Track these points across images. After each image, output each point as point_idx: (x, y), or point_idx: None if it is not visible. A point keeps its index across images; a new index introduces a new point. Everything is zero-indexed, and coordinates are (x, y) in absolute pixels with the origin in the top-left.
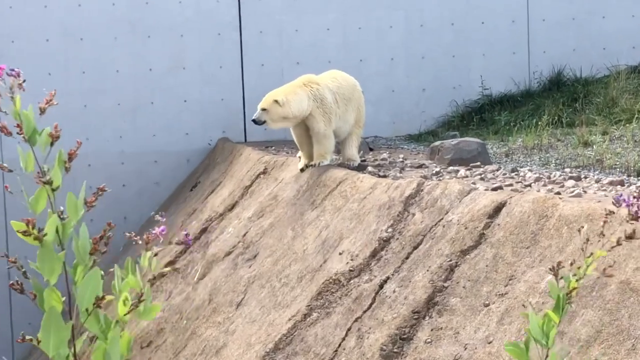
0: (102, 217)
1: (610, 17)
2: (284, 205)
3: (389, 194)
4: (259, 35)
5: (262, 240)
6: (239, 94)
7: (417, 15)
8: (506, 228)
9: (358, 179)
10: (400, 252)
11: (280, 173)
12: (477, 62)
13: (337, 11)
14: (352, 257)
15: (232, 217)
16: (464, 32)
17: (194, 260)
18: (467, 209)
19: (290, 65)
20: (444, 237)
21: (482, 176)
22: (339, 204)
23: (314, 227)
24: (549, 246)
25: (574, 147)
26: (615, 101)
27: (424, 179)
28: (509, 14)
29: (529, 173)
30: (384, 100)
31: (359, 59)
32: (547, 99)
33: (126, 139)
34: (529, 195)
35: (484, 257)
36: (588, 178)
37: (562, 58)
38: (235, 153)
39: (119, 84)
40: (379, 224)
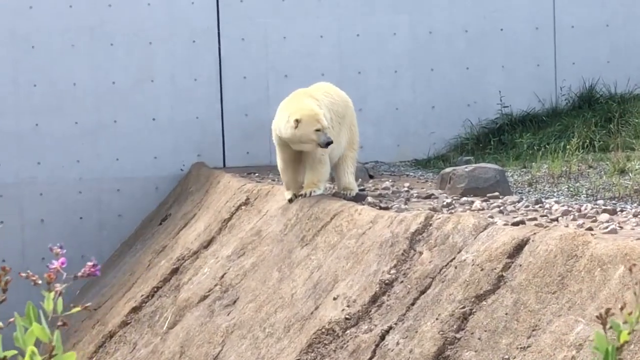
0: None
1: None
2: (269, 241)
3: (392, 229)
4: (241, 43)
5: (243, 282)
6: (216, 112)
7: (424, 20)
8: (529, 269)
9: (356, 211)
10: (405, 298)
11: (265, 204)
12: (494, 75)
13: (331, 15)
14: (348, 302)
15: (208, 256)
16: (479, 40)
17: (163, 306)
18: (484, 247)
19: (277, 77)
20: (457, 279)
21: (501, 209)
22: (333, 241)
23: (304, 268)
24: (579, 291)
25: (609, 176)
26: None
27: (433, 211)
28: (532, 19)
29: (555, 205)
30: (387, 120)
31: (357, 71)
32: (577, 119)
33: (84, 163)
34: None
35: (503, 304)
36: (625, 211)
37: (594, 71)
38: (212, 180)
39: (76, 99)
40: (380, 264)
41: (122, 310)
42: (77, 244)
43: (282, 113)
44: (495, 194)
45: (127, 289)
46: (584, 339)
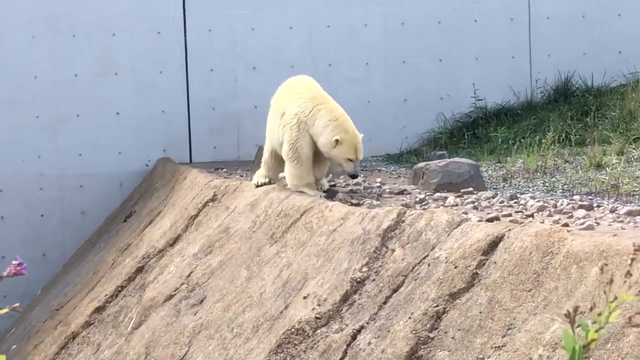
0: (16, 254)
1: (628, 14)
2: (237, 239)
3: (363, 226)
4: (208, 35)
5: (210, 281)
6: (182, 105)
7: (397, 11)
8: (504, 267)
9: (326, 207)
10: (377, 296)
11: (233, 200)
12: (468, 67)
13: (301, 6)
14: (319, 301)
15: (174, 254)
16: (453, 32)
17: (127, 306)
18: (457, 244)
19: (245, 70)
20: (430, 277)
21: (475, 204)
22: (303, 238)
23: (273, 266)
24: (554, 289)
25: (585, 170)
26: (634, 115)
27: (406, 207)
28: (507, 10)
29: (531, 201)
30: (358, 113)
31: (328, 64)
32: (553, 112)
33: (46, 159)
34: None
35: (478, 302)
36: (601, 207)
37: (570, 63)
38: (178, 176)
39: (37, 92)
40: (351, 262)
41: (85, 310)
42: (38, 242)
43: (329, 122)
44: (469, 189)
45: (91, 288)
46: (560, 338)
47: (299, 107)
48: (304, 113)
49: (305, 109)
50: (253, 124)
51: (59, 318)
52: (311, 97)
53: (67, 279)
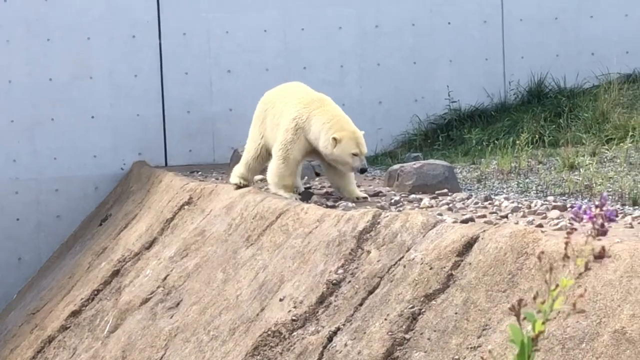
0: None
1: (600, 16)
2: (213, 242)
3: (338, 228)
4: (182, 38)
5: (186, 284)
6: (157, 108)
7: (371, 14)
8: (479, 268)
9: (302, 210)
10: (353, 298)
11: (209, 203)
12: (443, 70)
13: (276, 9)
14: (295, 304)
15: (150, 257)
16: (427, 34)
17: (103, 310)
18: (433, 246)
19: (220, 73)
20: (405, 279)
21: (450, 206)
22: (279, 241)
23: (249, 269)
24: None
25: (558, 171)
26: (606, 116)
27: (381, 209)
28: (481, 13)
29: (505, 202)
30: None
31: (303, 66)
32: (526, 114)
33: (21, 163)
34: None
35: (453, 303)
36: (572, 206)
37: (543, 65)
38: (153, 179)
39: (12, 96)
40: (327, 264)
41: (61, 314)
42: (14, 246)
43: (323, 125)
44: (444, 190)
45: (67, 292)
46: None
47: (297, 112)
48: (301, 119)
49: (302, 114)
50: (228, 127)
51: (35, 322)
52: (309, 102)
53: (43, 282)
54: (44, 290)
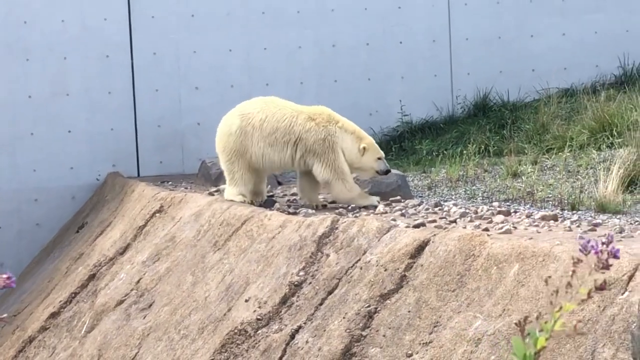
0: None
1: (540, 35)
2: (183, 247)
3: (300, 233)
4: (153, 57)
5: (158, 287)
6: (130, 123)
7: (328, 34)
8: (430, 269)
9: (265, 216)
10: (314, 298)
11: (178, 211)
12: (395, 85)
13: (240, 30)
14: (259, 304)
15: (124, 262)
16: (380, 52)
17: (80, 311)
18: (387, 249)
19: (188, 90)
20: (362, 280)
21: (403, 212)
22: (244, 245)
23: (217, 272)
24: (476, 289)
25: (503, 179)
26: (546, 127)
27: (339, 215)
28: (430, 32)
29: (454, 207)
30: None
31: (265, 83)
32: (473, 126)
33: (2, 174)
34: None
35: (406, 302)
36: (518, 212)
37: (487, 80)
38: (127, 189)
39: None
40: (289, 267)
41: (41, 315)
42: None
43: (351, 137)
44: (397, 197)
45: (46, 295)
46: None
47: (326, 130)
48: (334, 136)
49: (331, 132)
50: (197, 140)
51: (17, 323)
52: (327, 119)
53: (23, 286)
54: (24, 294)
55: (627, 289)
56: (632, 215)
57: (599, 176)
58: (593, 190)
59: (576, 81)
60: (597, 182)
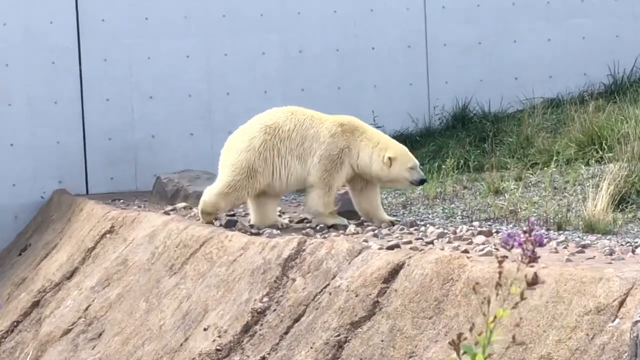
0: None
1: (523, 41)
2: (136, 271)
3: (263, 256)
4: (103, 64)
5: (108, 314)
6: (78, 136)
7: (294, 39)
8: (405, 294)
9: (226, 237)
10: (278, 326)
11: (131, 232)
12: (367, 94)
13: (198, 34)
14: (219, 333)
15: (71, 287)
16: (351, 59)
17: (23, 341)
18: (358, 273)
19: (142, 99)
20: (331, 306)
21: (376, 232)
22: (203, 269)
23: (173, 298)
24: (455, 316)
25: (484, 196)
26: (530, 141)
27: (306, 236)
28: (404, 38)
29: (431, 227)
30: None
31: (226, 92)
32: (451, 139)
33: None
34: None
35: (379, 330)
36: (500, 233)
37: (467, 90)
38: (74, 208)
39: None
40: (252, 293)
41: None
42: None
43: (373, 149)
44: None
45: None
46: None
47: (341, 141)
48: (346, 147)
49: (345, 143)
50: (151, 154)
51: None
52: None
53: None
54: None
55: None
56: (622, 235)
57: (588, 193)
58: (581, 208)
59: (562, 90)
60: (586, 199)
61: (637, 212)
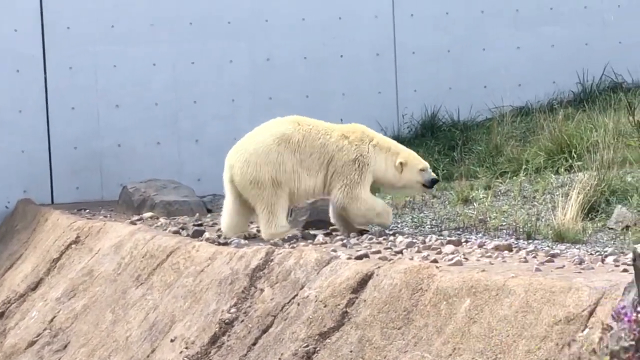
0: None
1: (492, 49)
2: (102, 281)
3: (231, 266)
4: (69, 72)
5: (74, 326)
6: (43, 144)
7: (262, 47)
8: (374, 305)
9: (193, 247)
10: (246, 337)
11: (97, 242)
12: (335, 102)
13: (165, 42)
14: (186, 344)
15: (36, 298)
16: (319, 67)
17: None
18: (327, 283)
19: (108, 107)
20: (299, 317)
21: (344, 242)
22: (169, 280)
23: (139, 309)
24: (424, 326)
25: (453, 205)
26: (500, 149)
27: (274, 246)
28: (373, 45)
29: (400, 237)
30: (225, 150)
31: (193, 100)
32: (420, 147)
33: None
34: (400, 264)
35: (348, 341)
36: (470, 242)
37: (436, 98)
38: (39, 218)
39: None
40: (219, 303)
41: None
42: None
43: (385, 157)
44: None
45: None
46: None
47: (356, 152)
48: (365, 157)
49: (363, 153)
50: (117, 163)
51: None
52: (359, 138)
53: None
54: None
55: (588, 326)
56: (592, 244)
57: (557, 202)
58: (550, 217)
59: (532, 98)
60: (555, 208)
61: (607, 221)
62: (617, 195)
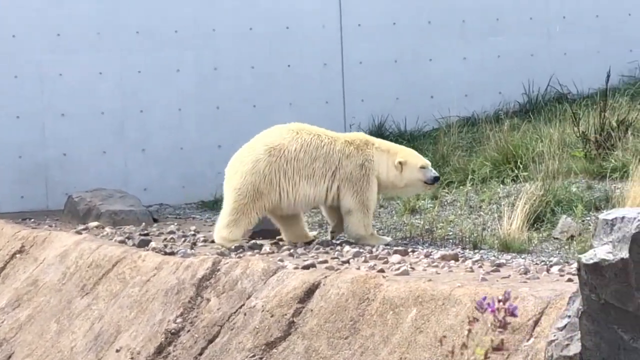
0: None
1: (438, 60)
2: (47, 291)
3: (177, 276)
4: (14, 81)
5: (18, 336)
6: None
7: (209, 56)
8: (320, 314)
9: (139, 257)
10: (193, 347)
11: (42, 251)
12: (282, 112)
13: (111, 50)
14: (132, 354)
15: None
16: (266, 77)
17: None
18: (274, 292)
19: (54, 117)
20: (246, 327)
21: (292, 252)
22: (115, 289)
23: (85, 319)
24: (371, 335)
25: (400, 215)
26: (446, 159)
27: (221, 256)
28: (320, 55)
29: (346, 247)
30: (172, 160)
31: (139, 109)
32: None
33: None
34: (347, 274)
35: (295, 351)
36: (416, 252)
37: (383, 108)
38: None
39: None
40: (165, 313)
41: None
42: None
43: (387, 159)
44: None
45: None
46: None
47: (361, 157)
48: (369, 162)
49: (367, 158)
50: (62, 173)
51: None
52: (359, 143)
53: None
54: None
55: (533, 335)
56: (537, 254)
57: (503, 212)
58: (496, 227)
59: (478, 109)
60: (501, 218)
61: (552, 230)
62: (562, 206)
